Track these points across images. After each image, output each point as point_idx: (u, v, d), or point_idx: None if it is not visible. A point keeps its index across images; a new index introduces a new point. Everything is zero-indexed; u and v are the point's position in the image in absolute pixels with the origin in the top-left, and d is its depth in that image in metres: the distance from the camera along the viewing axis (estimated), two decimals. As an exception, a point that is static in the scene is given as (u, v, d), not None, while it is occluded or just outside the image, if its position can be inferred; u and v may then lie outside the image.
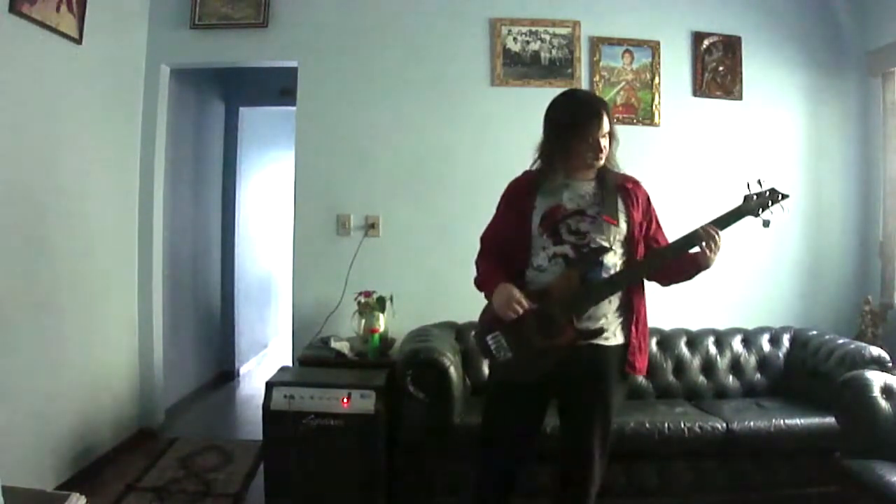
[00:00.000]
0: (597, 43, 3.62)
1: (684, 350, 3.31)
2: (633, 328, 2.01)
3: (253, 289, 5.68)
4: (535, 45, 3.61)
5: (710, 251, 1.92)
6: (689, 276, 2.06)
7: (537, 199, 2.01)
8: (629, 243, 2.00)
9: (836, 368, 2.92)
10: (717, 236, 1.92)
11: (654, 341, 3.30)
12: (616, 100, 3.63)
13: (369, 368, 2.98)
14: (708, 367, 3.29)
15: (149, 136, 3.62)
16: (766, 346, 3.35)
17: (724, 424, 2.78)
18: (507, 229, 2.06)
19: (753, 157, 3.68)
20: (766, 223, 1.98)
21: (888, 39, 3.46)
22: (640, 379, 3.23)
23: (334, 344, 3.17)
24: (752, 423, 2.79)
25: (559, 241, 1.96)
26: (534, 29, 3.60)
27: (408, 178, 3.57)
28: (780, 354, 3.33)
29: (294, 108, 3.64)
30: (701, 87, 3.67)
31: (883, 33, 3.51)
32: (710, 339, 3.34)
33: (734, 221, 1.98)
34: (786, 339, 3.37)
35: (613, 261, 1.97)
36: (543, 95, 3.53)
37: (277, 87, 4.71)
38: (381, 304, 3.24)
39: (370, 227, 3.56)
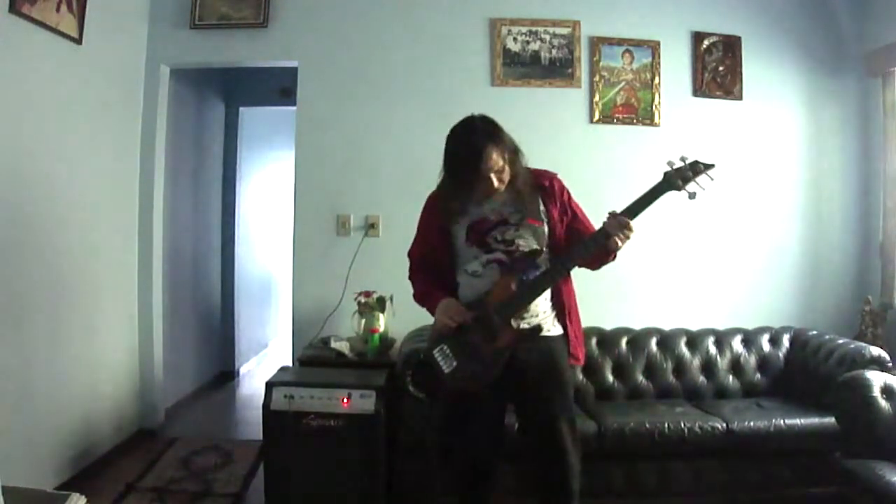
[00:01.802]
0: (597, 43, 3.62)
1: (684, 350, 3.30)
2: (568, 321, 2.08)
3: (253, 289, 5.68)
4: (535, 45, 3.60)
5: (622, 240, 1.91)
6: (606, 262, 2.07)
7: (458, 215, 2.05)
8: (552, 239, 2.04)
9: (836, 368, 2.92)
10: (625, 227, 1.90)
11: (653, 341, 3.30)
12: (616, 100, 3.63)
13: (369, 368, 2.98)
14: (708, 367, 3.29)
15: (149, 136, 3.62)
16: (766, 346, 3.35)
17: (724, 424, 2.78)
18: (433, 245, 2.11)
19: (753, 157, 3.68)
20: (691, 195, 1.94)
21: (887, 39, 3.46)
22: (640, 379, 3.24)
23: (334, 344, 3.17)
24: (752, 423, 2.79)
25: (489, 250, 2.01)
26: (534, 29, 3.60)
27: (408, 178, 3.57)
28: (780, 354, 3.33)
29: (294, 108, 3.64)
30: (701, 87, 3.67)
31: (882, 33, 3.51)
32: (710, 339, 3.34)
33: (655, 199, 1.95)
34: (786, 339, 3.37)
35: (543, 260, 2.02)
36: (543, 95, 3.61)
37: (277, 87, 4.72)
38: (381, 304, 3.24)
39: (370, 227, 3.56)
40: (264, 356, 5.94)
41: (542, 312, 2.03)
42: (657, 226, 3.37)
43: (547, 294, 2.03)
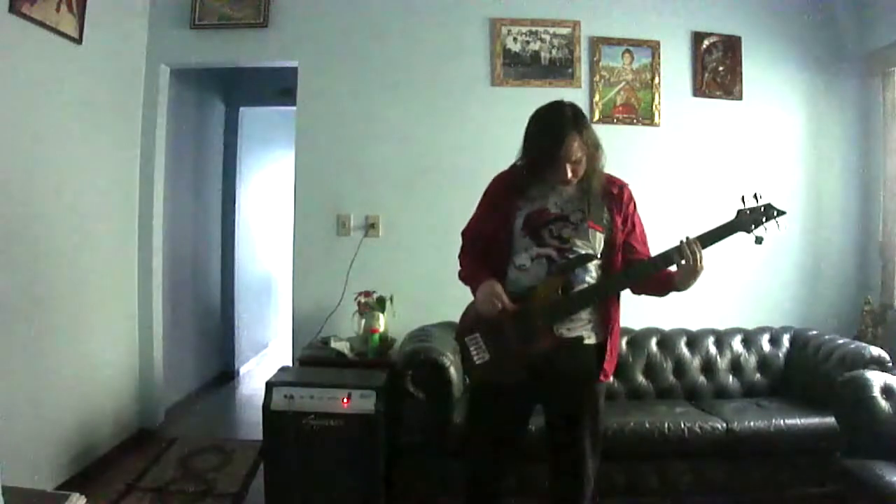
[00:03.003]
0: (597, 43, 3.62)
1: (684, 350, 3.31)
2: (609, 334, 2.00)
3: (253, 289, 5.68)
4: (535, 45, 3.61)
5: (689, 267, 1.85)
6: (662, 294, 2.01)
7: (522, 200, 2.00)
8: (609, 249, 1.98)
9: (836, 368, 2.92)
10: (697, 252, 1.84)
11: (653, 341, 3.31)
12: (616, 100, 3.63)
13: (369, 368, 2.97)
14: (708, 367, 3.29)
15: (149, 136, 3.62)
16: (766, 346, 3.35)
17: (724, 424, 2.78)
18: (490, 227, 2.04)
19: (753, 157, 3.68)
20: (758, 240, 1.91)
21: (887, 39, 3.46)
22: (640, 379, 3.24)
23: (334, 344, 3.17)
24: (752, 423, 2.80)
25: (542, 244, 1.95)
26: (534, 29, 3.60)
27: (408, 178, 3.57)
28: (780, 354, 3.33)
29: (294, 108, 3.64)
30: (701, 87, 3.67)
31: (882, 33, 3.51)
32: (710, 339, 3.34)
33: (724, 237, 1.91)
34: (786, 339, 3.37)
35: (595, 267, 1.96)
36: (543, 95, 3.53)
37: (277, 87, 4.71)
38: (381, 304, 3.24)
39: (370, 227, 3.56)
40: (264, 356, 5.94)
41: (584, 321, 1.96)
42: (657, 226, 3.36)
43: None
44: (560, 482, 2.03)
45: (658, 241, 3.78)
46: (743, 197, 1.94)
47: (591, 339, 1.97)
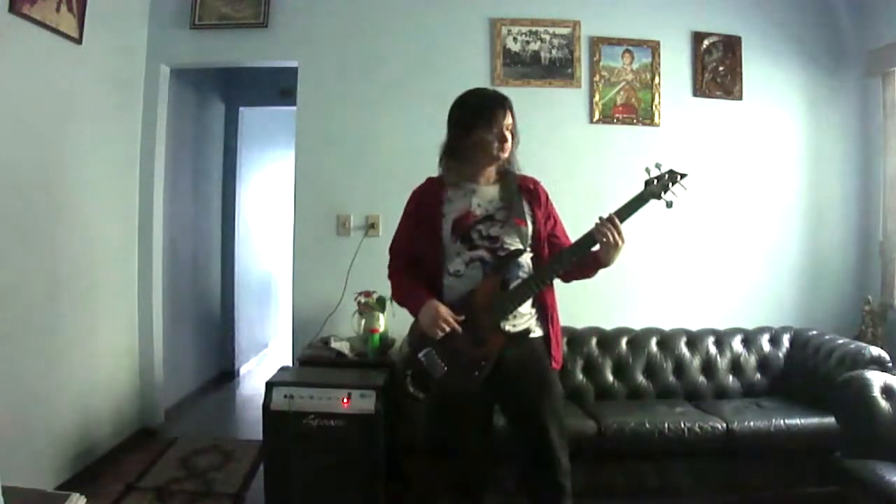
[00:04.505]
0: (597, 43, 3.62)
1: (684, 350, 3.30)
2: (550, 324, 2.06)
3: (253, 289, 5.68)
4: (535, 45, 3.61)
5: (611, 243, 1.91)
6: (591, 274, 2.08)
7: (445, 207, 2.04)
8: (536, 242, 2.05)
9: (836, 368, 2.92)
10: (614, 229, 1.91)
11: (653, 341, 3.30)
12: (616, 100, 3.63)
13: (369, 368, 2.97)
14: (708, 367, 3.29)
15: (149, 136, 3.62)
16: (766, 346, 3.35)
17: (724, 424, 2.78)
18: (418, 239, 2.09)
19: (753, 157, 3.68)
20: (668, 204, 1.99)
21: (888, 39, 3.46)
22: (640, 379, 3.24)
23: (334, 344, 3.17)
24: (752, 423, 2.80)
25: (473, 247, 2.00)
26: (534, 29, 3.60)
27: (408, 178, 3.51)
28: (780, 354, 3.33)
29: (294, 108, 3.64)
30: (701, 87, 3.67)
31: (882, 33, 3.51)
32: (710, 339, 3.34)
33: (638, 208, 1.98)
34: (786, 339, 3.37)
35: (526, 260, 2.02)
36: (543, 95, 3.61)
37: (277, 87, 4.71)
38: (381, 304, 3.23)
39: (370, 227, 3.56)
40: (264, 356, 5.94)
41: (527, 314, 2.02)
42: (657, 226, 3.37)
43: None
44: (535, 475, 2.03)
45: (658, 240, 3.79)
46: (647, 168, 2.02)
47: (537, 331, 2.04)
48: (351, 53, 3.58)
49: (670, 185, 1.99)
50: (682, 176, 2.00)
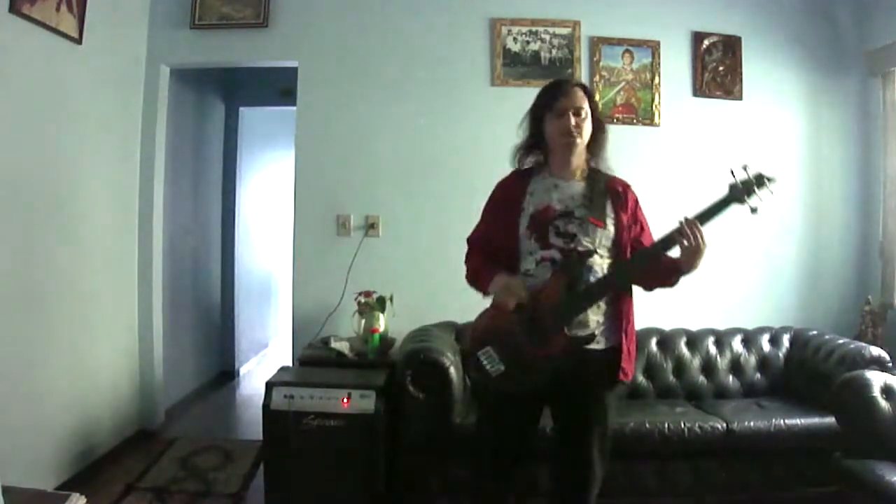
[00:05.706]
0: (597, 43, 3.62)
1: (684, 350, 3.30)
2: (623, 334, 1.96)
3: (253, 289, 5.68)
4: (535, 45, 3.61)
5: (692, 246, 1.84)
6: (672, 281, 2.00)
7: (526, 201, 1.98)
8: (616, 246, 1.95)
9: (836, 368, 2.92)
10: (696, 229, 1.84)
11: (654, 341, 3.30)
12: (616, 100, 3.63)
13: (369, 368, 2.98)
14: (708, 367, 3.29)
15: (149, 136, 3.62)
16: (766, 346, 3.35)
17: (724, 424, 2.78)
18: (495, 232, 2.03)
19: (753, 157, 3.66)
20: (753, 210, 1.87)
21: (888, 39, 3.46)
22: (640, 379, 3.24)
23: (334, 344, 3.17)
24: (752, 423, 2.79)
25: (546, 245, 1.93)
26: (534, 29, 3.60)
27: (408, 178, 3.57)
28: (780, 354, 3.33)
29: (294, 108, 3.64)
30: (701, 87, 3.67)
31: (883, 33, 3.51)
32: (710, 339, 3.34)
33: (720, 211, 1.89)
34: (786, 339, 3.37)
35: (600, 264, 1.93)
36: (543, 95, 3.60)
37: (277, 87, 4.71)
38: (381, 304, 3.24)
39: (370, 227, 3.56)
40: (264, 356, 5.94)
41: (596, 321, 1.93)
42: (656, 226, 3.36)
43: (603, 304, 1.93)
44: (567, 482, 2.02)
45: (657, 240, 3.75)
46: (732, 170, 1.92)
47: (601, 342, 1.93)
48: (351, 53, 3.58)
49: (756, 188, 1.87)
50: (770, 180, 1.88)
